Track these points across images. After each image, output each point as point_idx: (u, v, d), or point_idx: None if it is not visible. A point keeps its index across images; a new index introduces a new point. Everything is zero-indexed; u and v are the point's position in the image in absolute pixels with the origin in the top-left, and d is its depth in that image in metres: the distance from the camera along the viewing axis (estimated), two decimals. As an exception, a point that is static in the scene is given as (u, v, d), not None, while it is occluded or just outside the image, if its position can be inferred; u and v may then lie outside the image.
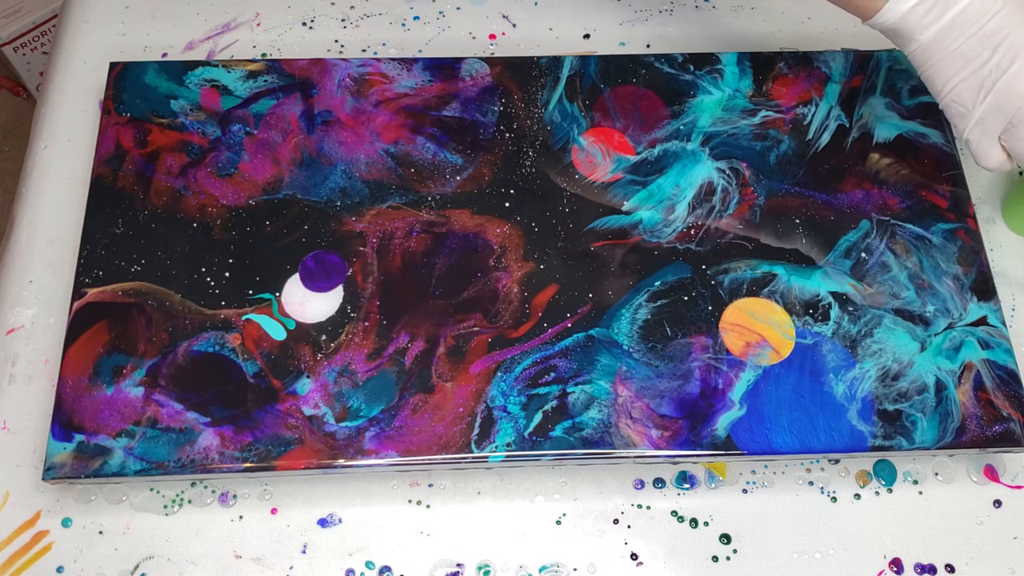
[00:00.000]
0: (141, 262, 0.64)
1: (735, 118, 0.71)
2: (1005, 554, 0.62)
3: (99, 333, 0.62)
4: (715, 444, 0.60)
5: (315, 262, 0.65)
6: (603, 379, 0.61)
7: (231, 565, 0.60)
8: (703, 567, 0.61)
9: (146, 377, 0.61)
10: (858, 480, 0.64)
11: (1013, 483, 0.64)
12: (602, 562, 0.61)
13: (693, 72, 0.73)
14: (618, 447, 0.60)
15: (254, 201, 0.67)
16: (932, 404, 0.61)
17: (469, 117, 0.71)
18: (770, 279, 0.65)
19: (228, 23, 0.80)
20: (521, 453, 0.59)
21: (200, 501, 0.62)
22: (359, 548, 0.61)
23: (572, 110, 0.71)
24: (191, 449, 0.59)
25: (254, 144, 0.69)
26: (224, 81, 0.71)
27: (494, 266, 0.65)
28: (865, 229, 0.67)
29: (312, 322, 0.63)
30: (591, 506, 0.63)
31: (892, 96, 0.73)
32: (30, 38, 1.34)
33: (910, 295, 0.65)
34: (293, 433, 0.59)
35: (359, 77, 0.71)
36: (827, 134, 0.71)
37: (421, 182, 0.68)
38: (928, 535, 0.63)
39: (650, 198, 0.68)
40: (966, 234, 0.67)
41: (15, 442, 0.63)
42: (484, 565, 0.61)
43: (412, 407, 0.60)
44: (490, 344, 0.62)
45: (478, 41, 0.80)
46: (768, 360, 0.63)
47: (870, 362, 0.63)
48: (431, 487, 0.63)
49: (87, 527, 0.61)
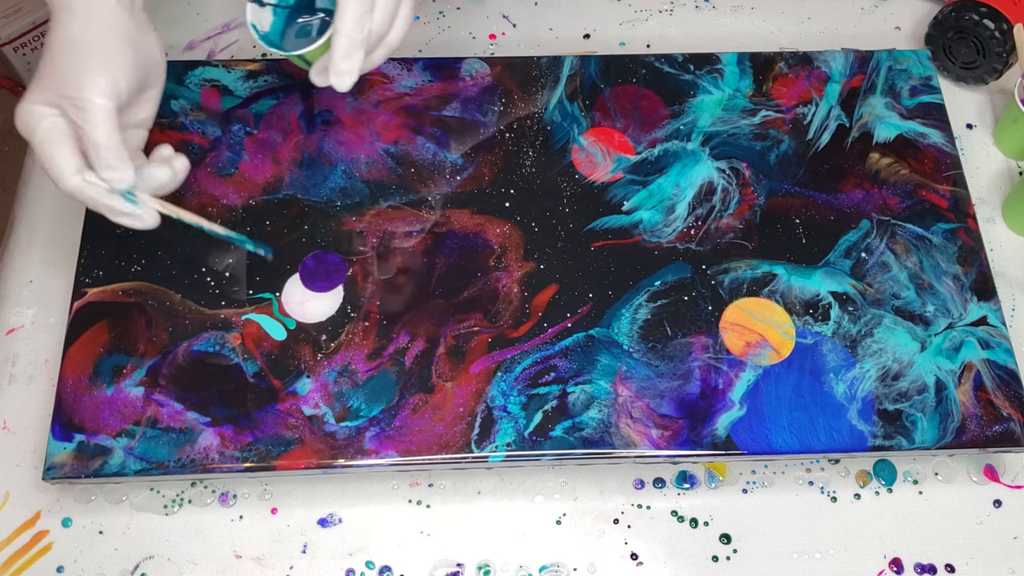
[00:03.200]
0: (141, 262, 0.64)
1: (735, 118, 0.71)
2: (1005, 554, 0.62)
3: (99, 333, 0.62)
4: (715, 444, 0.60)
5: (315, 262, 0.65)
6: (603, 379, 0.61)
7: (231, 565, 0.60)
8: (703, 567, 0.61)
9: (146, 377, 0.61)
10: (858, 480, 0.64)
11: (1013, 483, 0.64)
12: (602, 562, 0.61)
13: (693, 72, 0.73)
14: (618, 447, 0.60)
15: (254, 201, 0.67)
16: (932, 404, 0.61)
17: (469, 117, 0.71)
18: (770, 279, 0.65)
19: (228, 23, 0.80)
20: (521, 453, 0.59)
21: (200, 501, 0.62)
22: (359, 548, 0.61)
23: (572, 110, 0.71)
24: (191, 449, 0.59)
25: (254, 144, 0.69)
26: (224, 81, 0.71)
27: (494, 266, 0.65)
28: (865, 229, 0.67)
29: (312, 322, 0.63)
30: (591, 506, 0.63)
31: (892, 96, 0.73)
32: (30, 38, 1.34)
33: (910, 295, 0.65)
34: (293, 433, 0.59)
35: (359, 77, 0.71)
36: (827, 134, 0.71)
37: (421, 182, 0.68)
38: (928, 535, 0.63)
39: (650, 198, 0.68)
40: (966, 234, 0.67)
41: (15, 442, 0.63)
42: (484, 565, 0.61)
43: (412, 407, 0.60)
44: (490, 344, 0.62)
45: (478, 41, 0.80)
46: (768, 360, 0.63)
47: (870, 362, 0.63)
48: (431, 487, 0.63)
49: (87, 527, 0.61)
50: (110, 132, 0.53)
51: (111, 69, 0.54)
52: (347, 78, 0.57)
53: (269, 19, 0.62)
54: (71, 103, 0.53)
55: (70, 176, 0.53)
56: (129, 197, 0.55)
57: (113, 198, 0.54)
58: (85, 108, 0.53)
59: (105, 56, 0.54)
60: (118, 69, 0.54)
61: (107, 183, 0.54)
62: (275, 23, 0.62)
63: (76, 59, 0.53)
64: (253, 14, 0.60)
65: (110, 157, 0.53)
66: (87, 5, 0.54)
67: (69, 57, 0.53)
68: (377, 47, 0.59)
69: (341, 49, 0.56)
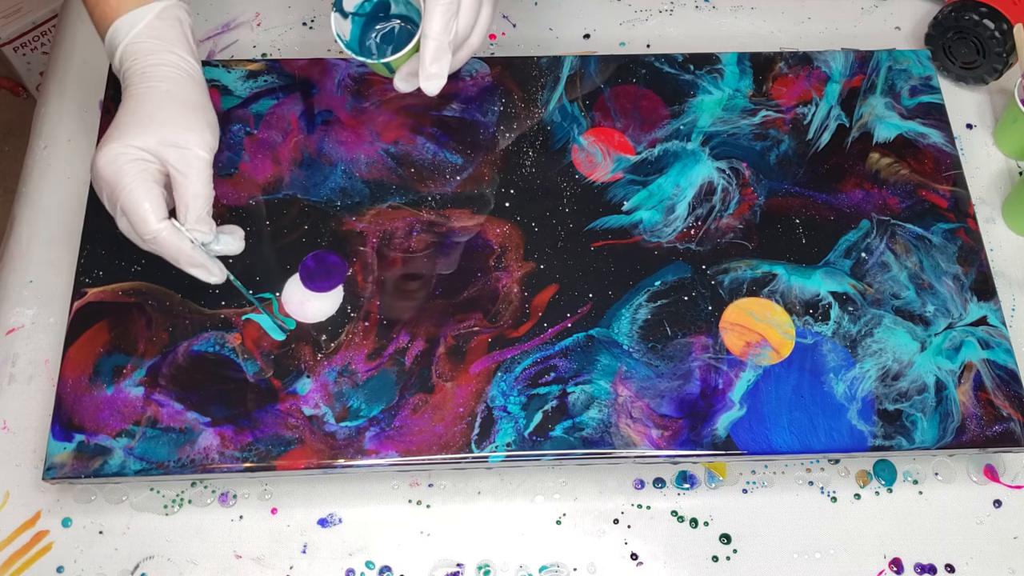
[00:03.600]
0: (141, 262, 0.64)
1: (735, 118, 0.71)
2: (1005, 554, 0.62)
3: (99, 333, 0.62)
4: (715, 444, 0.60)
5: (315, 262, 0.65)
6: (603, 379, 0.61)
7: (231, 565, 0.60)
8: (703, 567, 0.61)
9: (146, 377, 0.61)
10: (858, 480, 0.64)
11: (1013, 483, 0.64)
12: (602, 562, 0.61)
13: (693, 72, 0.73)
14: (618, 447, 0.60)
15: (254, 201, 0.67)
16: (932, 404, 0.61)
17: (469, 117, 0.71)
18: (770, 279, 0.65)
19: (228, 23, 0.80)
20: (521, 453, 0.59)
21: (200, 501, 0.62)
22: (359, 548, 0.61)
23: (572, 110, 0.71)
24: (191, 449, 0.59)
25: (254, 144, 0.69)
26: (224, 81, 0.71)
27: (494, 266, 0.65)
28: (865, 229, 0.67)
29: (312, 322, 0.63)
30: (591, 506, 0.63)
31: (892, 96, 0.73)
32: (30, 38, 1.34)
33: (910, 295, 0.65)
34: (293, 433, 0.59)
35: (359, 77, 0.71)
36: (827, 134, 0.71)
37: (421, 182, 0.68)
38: (928, 535, 0.63)
39: (650, 198, 0.68)
40: (966, 234, 0.67)
41: (15, 442, 0.63)
42: (484, 565, 0.61)
43: (412, 407, 0.60)
44: (490, 344, 0.62)
45: (478, 41, 0.80)
46: (768, 360, 0.63)
47: (870, 362, 0.63)
48: (431, 487, 0.63)
49: (87, 527, 0.61)
50: (205, 184, 0.56)
51: (213, 124, 0.58)
52: (436, 81, 0.59)
53: (348, 27, 0.63)
54: (178, 152, 0.56)
55: (158, 221, 0.56)
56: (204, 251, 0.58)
57: (196, 250, 0.57)
58: (188, 159, 0.56)
59: (208, 111, 0.58)
60: (215, 126, 0.59)
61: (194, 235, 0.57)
62: (352, 31, 0.63)
63: (180, 111, 0.57)
64: (337, 24, 0.62)
65: (202, 210, 0.56)
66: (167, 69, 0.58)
67: (174, 108, 0.57)
68: (461, 48, 0.60)
69: (430, 53, 0.57)
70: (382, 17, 0.65)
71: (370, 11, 0.64)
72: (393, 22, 0.65)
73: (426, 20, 0.57)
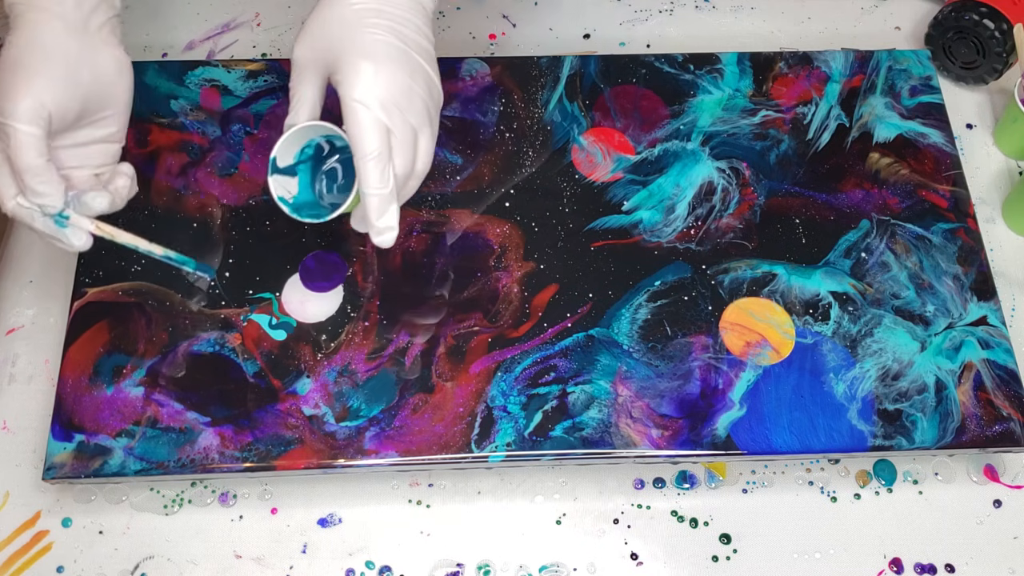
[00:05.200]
0: (141, 262, 0.64)
1: (735, 118, 0.71)
2: (1005, 554, 0.62)
3: (99, 333, 0.62)
4: (715, 444, 0.60)
5: (315, 262, 0.65)
6: (603, 379, 0.61)
7: (231, 565, 0.60)
8: (703, 567, 0.61)
9: (146, 377, 0.61)
10: (858, 480, 0.64)
11: (1013, 483, 0.64)
12: (602, 562, 0.61)
13: (693, 72, 0.73)
14: (618, 447, 0.60)
15: (254, 201, 0.67)
16: (932, 404, 0.61)
17: (469, 117, 0.71)
18: (770, 279, 0.65)
19: (228, 23, 0.80)
20: (521, 453, 0.59)
21: (200, 501, 0.62)
22: (359, 548, 0.61)
23: (572, 110, 0.71)
24: (191, 449, 0.59)
25: (254, 144, 0.69)
26: (224, 81, 0.71)
27: (494, 266, 0.65)
28: (865, 229, 0.67)
29: (312, 322, 0.63)
30: (591, 506, 0.63)
31: (892, 96, 0.73)
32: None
33: (910, 295, 0.65)
34: (293, 433, 0.59)
35: None
36: (827, 134, 0.71)
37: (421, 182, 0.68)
38: (928, 535, 0.63)
39: (650, 198, 0.68)
40: (966, 234, 0.67)
41: (15, 442, 0.63)
42: (484, 565, 0.61)
43: (412, 407, 0.60)
44: (490, 344, 0.62)
45: (478, 41, 0.80)
46: (768, 360, 0.63)
47: (870, 362, 0.63)
48: (431, 487, 0.63)
49: (87, 527, 0.61)
50: (33, 158, 0.51)
51: (38, 92, 0.51)
52: (389, 234, 0.55)
53: (295, 180, 0.60)
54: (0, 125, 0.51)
55: (7, 200, 0.53)
56: (60, 221, 0.54)
57: (39, 222, 0.54)
58: (8, 133, 0.51)
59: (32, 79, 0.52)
60: (46, 92, 0.52)
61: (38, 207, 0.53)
62: (301, 180, 0.60)
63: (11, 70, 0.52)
64: (280, 185, 0.59)
65: (34, 183, 0.52)
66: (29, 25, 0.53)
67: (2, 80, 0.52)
68: (408, 181, 0.56)
69: (374, 210, 0.53)
70: (326, 155, 0.60)
71: (312, 155, 0.60)
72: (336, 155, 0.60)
73: (361, 177, 0.52)
